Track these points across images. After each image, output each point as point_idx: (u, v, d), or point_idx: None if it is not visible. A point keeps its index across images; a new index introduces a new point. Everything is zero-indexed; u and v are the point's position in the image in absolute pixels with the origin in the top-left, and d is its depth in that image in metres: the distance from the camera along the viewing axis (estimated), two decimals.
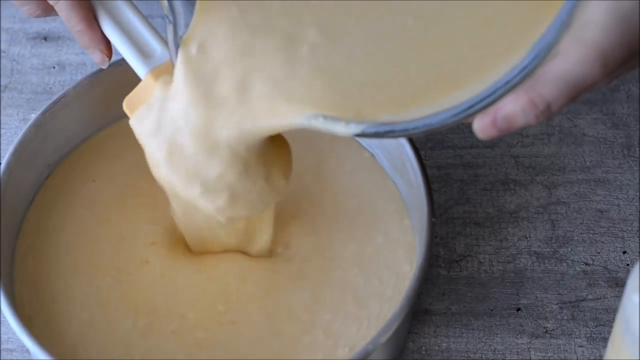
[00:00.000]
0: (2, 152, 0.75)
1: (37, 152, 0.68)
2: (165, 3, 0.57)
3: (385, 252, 0.65)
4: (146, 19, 0.62)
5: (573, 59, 0.50)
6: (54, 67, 0.80)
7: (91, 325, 0.63)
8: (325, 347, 0.62)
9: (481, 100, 0.48)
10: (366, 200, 0.68)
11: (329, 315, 0.63)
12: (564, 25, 0.46)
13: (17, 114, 0.78)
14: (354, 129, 0.51)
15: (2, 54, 0.81)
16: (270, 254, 0.66)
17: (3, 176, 0.64)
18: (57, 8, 0.61)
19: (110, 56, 0.63)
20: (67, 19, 0.61)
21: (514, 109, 0.51)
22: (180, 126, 0.57)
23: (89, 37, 0.62)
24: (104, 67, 0.64)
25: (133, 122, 0.59)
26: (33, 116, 0.67)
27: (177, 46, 0.57)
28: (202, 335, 0.62)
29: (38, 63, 0.81)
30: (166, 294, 0.64)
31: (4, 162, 0.65)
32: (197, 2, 0.56)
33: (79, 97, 0.69)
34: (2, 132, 0.76)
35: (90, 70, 0.78)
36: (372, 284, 0.64)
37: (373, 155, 0.70)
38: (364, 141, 0.70)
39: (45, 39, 0.82)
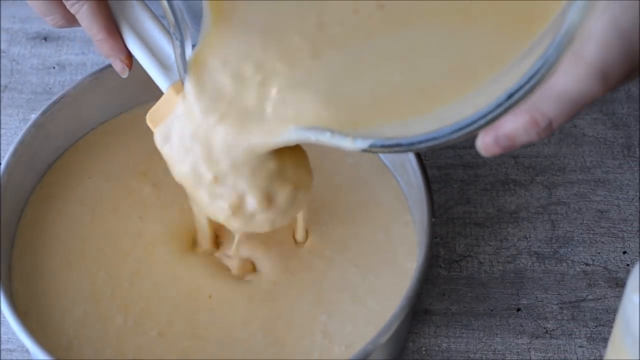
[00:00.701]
0: (2, 152, 0.75)
1: (37, 153, 0.68)
2: (172, 19, 0.57)
3: (385, 248, 0.65)
4: (168, 31, 0.62)
5: (574, 76, 0.50)
6: (53, 67, 0.80)
7: (85, 321, 0.63)
8: (322, 347, 0.62)
9: (483, 117, 0.49)
10: (367, 195, 0.68)
11: (326, 315, 0.63)
12: (564, 42, 0.46)
13: (17, 114, 0.78)
14: (360, 144, 0.52)
15: (2, 54, 0.81)
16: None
17: (3, 176, 0.64)
18: (78, 17, 0.62)
19: (130, 66, 0.63)
20: (88, 28, 0.62)
21: (515, 127, 0.51)
22: (199, 142, 0.57)
23: (110, 46, 0.62)
24: (124, 76, 0.64)
25: (156, 137, 0.59)
26: (33, 116, 0.67)
27: (184, 61, 0.57)
28: (189, 340, 0.62)
29: (38, 63, 0.81)
30: (153, 293, 0.64)
31: (3, 162, 0.65)
32: (205, 23, 0.57)
33: (79, 97, 0.69)
34: (2, 132, 0.76)
35: (90, 70, 0.78)
36: (370, 281, 0.64)
37: None
38: None
39: (45, 39, 0.82)
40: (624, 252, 0.69)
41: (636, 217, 0.71)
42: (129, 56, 0.63)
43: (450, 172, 0.73)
